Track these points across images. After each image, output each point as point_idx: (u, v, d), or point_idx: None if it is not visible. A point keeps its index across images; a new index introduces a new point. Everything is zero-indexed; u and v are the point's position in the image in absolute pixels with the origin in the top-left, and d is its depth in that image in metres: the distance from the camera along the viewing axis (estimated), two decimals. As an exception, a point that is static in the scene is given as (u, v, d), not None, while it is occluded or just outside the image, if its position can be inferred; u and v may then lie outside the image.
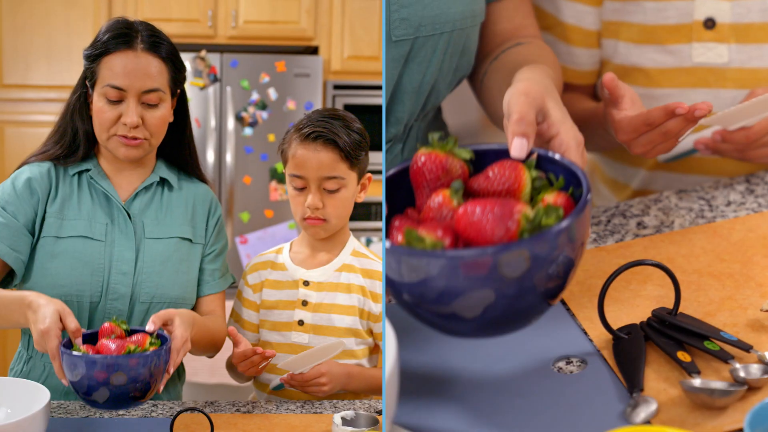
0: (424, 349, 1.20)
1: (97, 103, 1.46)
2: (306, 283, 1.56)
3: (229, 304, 1.65)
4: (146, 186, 1.53)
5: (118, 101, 1.45)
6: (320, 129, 1.49)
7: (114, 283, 1.47)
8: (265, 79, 3.47)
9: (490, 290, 0.97)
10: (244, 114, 3.47)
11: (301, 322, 1.55)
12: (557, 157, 1.09)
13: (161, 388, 1.27)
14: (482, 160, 1.11)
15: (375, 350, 1.57)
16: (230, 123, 3.46)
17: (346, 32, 3.56)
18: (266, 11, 3.54)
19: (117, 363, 1.20)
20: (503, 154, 1.10)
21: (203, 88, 3.45)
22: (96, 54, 1.46)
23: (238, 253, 3.46)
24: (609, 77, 1.35)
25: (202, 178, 1.61)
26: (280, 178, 3.48)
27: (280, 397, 1.55)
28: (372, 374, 1.53)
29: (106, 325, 1.30)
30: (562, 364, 1.16)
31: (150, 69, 1.46)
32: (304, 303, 1.55)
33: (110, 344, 1.25)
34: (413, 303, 1.02)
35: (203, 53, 3.44)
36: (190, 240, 1.54)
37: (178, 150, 1.58)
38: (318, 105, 3.49)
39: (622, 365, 1.12)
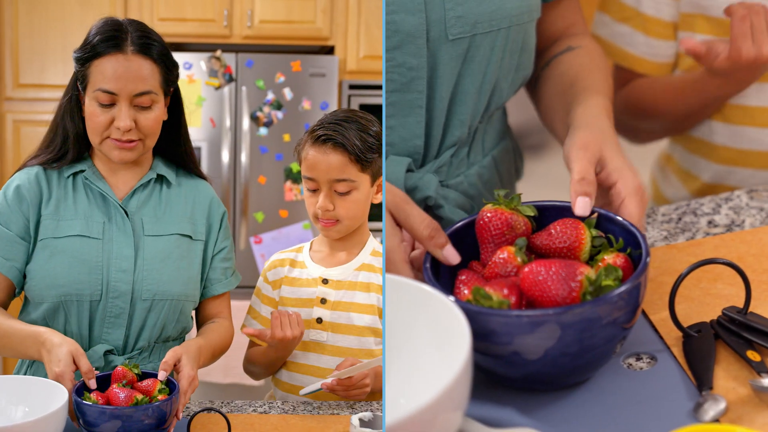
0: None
1: (89, 107, 1.45)
2: (325, 281, 1.56)
3: (237, 304, 1.65)
4: (144, 183, 1.52)
5: (110, 105, 1.43)
6: (330, 132, 1.50)
7: (114, 281, 1.46)
8: (281, 78, 3.47)
9: (552, 348, 1.03)
10: (259, 114, 3.47)
11: (319, 320, 1.55)
12: (618, 218, 1.16)
13: (171, 430, 1.30)
14: (544, 215, 1.18)
15: None
16: (245, 123, 3.46)
17: (361, 32, 3.56)
18: (282, 11, 3.54)
19: (125, 414, 1.25)
20: (565, 211, 1.17)
21: (218, 87, 3.45)
22: (86, 57, 1.44)
23: (252, 253, 3.46)
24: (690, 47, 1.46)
25: (200, 175, 1.60)
26: (295, 179, 3.48)
27: (296, 397, 1.55)
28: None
29: (119, 369, 1.33)
30: (632, 360, 1.17)
31: (141, 71, 1.44)
32: (323, 301, 1.55)
33: (120, 393, 1.29)
34: (477, 356, 1.07)
35: (218, 53, 3.44)
36: (190, 237, 1.53)
37: (174, 148, 1.56)
38: (333, 105, 3.49)
39: (691, 363, 1.13)
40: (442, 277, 1.15)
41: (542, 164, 4.24)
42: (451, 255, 1.16)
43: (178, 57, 3.49)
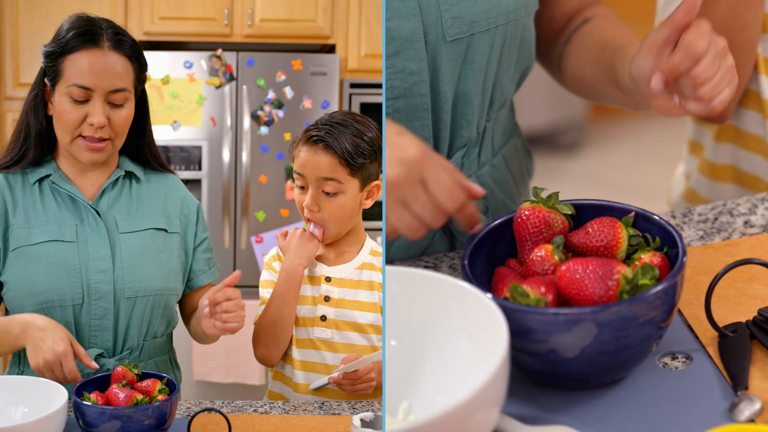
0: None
1: (61, 103, 1.42)
2: (328, 279, 1.57)
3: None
4: (113, 181, 1.51)
5: (84, 101, 1.42)
6: (322, 133, 1.51)
7: (95, 283, 1.45)
8: (282, 77, 3.47)
9: (588, 346, 1.04)
10: (260, 113, 3.46)
11: (323, 318, 1.55)
12: (655, 217, 1.16)
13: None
14: (581, 213, 1.19)
15: None
16: (246, 122, 3.45)
17: (362, 30, 3.55)
18: (282, 10, 3.53)
19: (125, 414, 1.24)
20: (603, 210, 1.18)
21: (219, 86, 3.44)
22: (59, 51, 1.42)
23: (253, 253, 3.46)
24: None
25: (168, 170, 1.60)
26: (296, 177, 3.48)
27: (297, 395, 1.55)
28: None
29: (118, 369, 1.33)
30: (667, 359, 1.17)
31: (116, 68, 1.43)
32: (327, 299, 1.56)
33: (119, 393, 1.29)
34: (514, 353, 1.07)
35: (219, 52, 3.43)
36: (166, 230, 1.53)
37: (138, 148, 1.55)
38: (334, 103, 3.48)
39: (727, 363, 1.13)
40: (480, 275, 1.15)
41: (578, 163, 4.25)
42: (474, 188, 1.16)
43: (179, 56, 3.51)
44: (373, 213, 1.59)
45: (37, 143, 1.48)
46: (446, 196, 1.15)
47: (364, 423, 1.26)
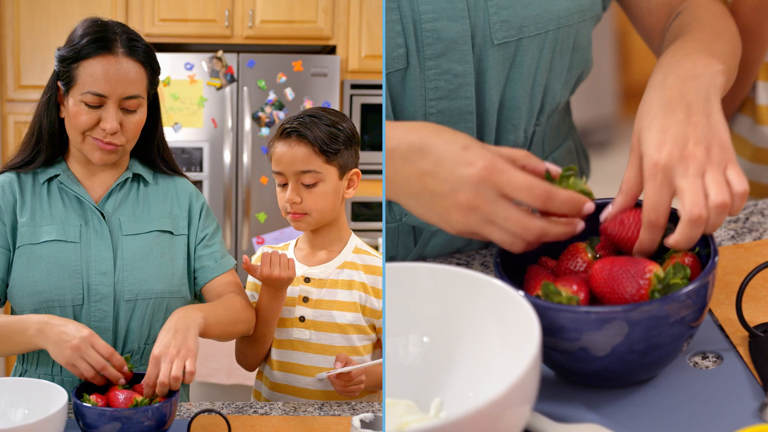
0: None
1: (74, 107, 1.43)
2: (307, 280, 1.58)
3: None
4: (120, 183, 1.51)
5: (97, 106, 1.42)
6: (294, 125, 1.53)
7: (95, 284, 1.45)
8: (282, 78, 3.47)
9: (619, 345, 1.04)
10: (260, 114, 3.47)
11: (302, 319, 1.56)
12: None
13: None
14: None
15: (377, 346, 1.59)
16: (247, 123, 3.45)
17: (363, 31, 3.55)
18: (283, 11, 3.54)
19: (125, 415, 1.25)
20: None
21: (220, 88, 3.45)
22: (73, 57, 1.43)
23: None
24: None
25: (178, 172, 1.60)
26: (297, 179, 3.48)
27: (296, 398, 1.55)
28: (378, 370, 1.54)
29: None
30: (698, 358, 1.17)
31: (130, 75, 1.43)
32: (305, 299, 1.57)
33: (119, 395, 1.29)
34: (545, 351, 1.08)
35: (220, 53, 3.44)
36: (171, 232, 1.53)
37: (148, 151, 1.56)
38: (335, 104, 3.48)
39: (757, 363, 1.13)
40: (512, 272, 1.15)
41: (608, 162, 4.24)
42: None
43: (180, 57, 3.51)
44: (373, 213, 1.59)
45: (49, 145, 1.49)
46: (530, 200, 1.10)
47: (364, 424, 1.26)
